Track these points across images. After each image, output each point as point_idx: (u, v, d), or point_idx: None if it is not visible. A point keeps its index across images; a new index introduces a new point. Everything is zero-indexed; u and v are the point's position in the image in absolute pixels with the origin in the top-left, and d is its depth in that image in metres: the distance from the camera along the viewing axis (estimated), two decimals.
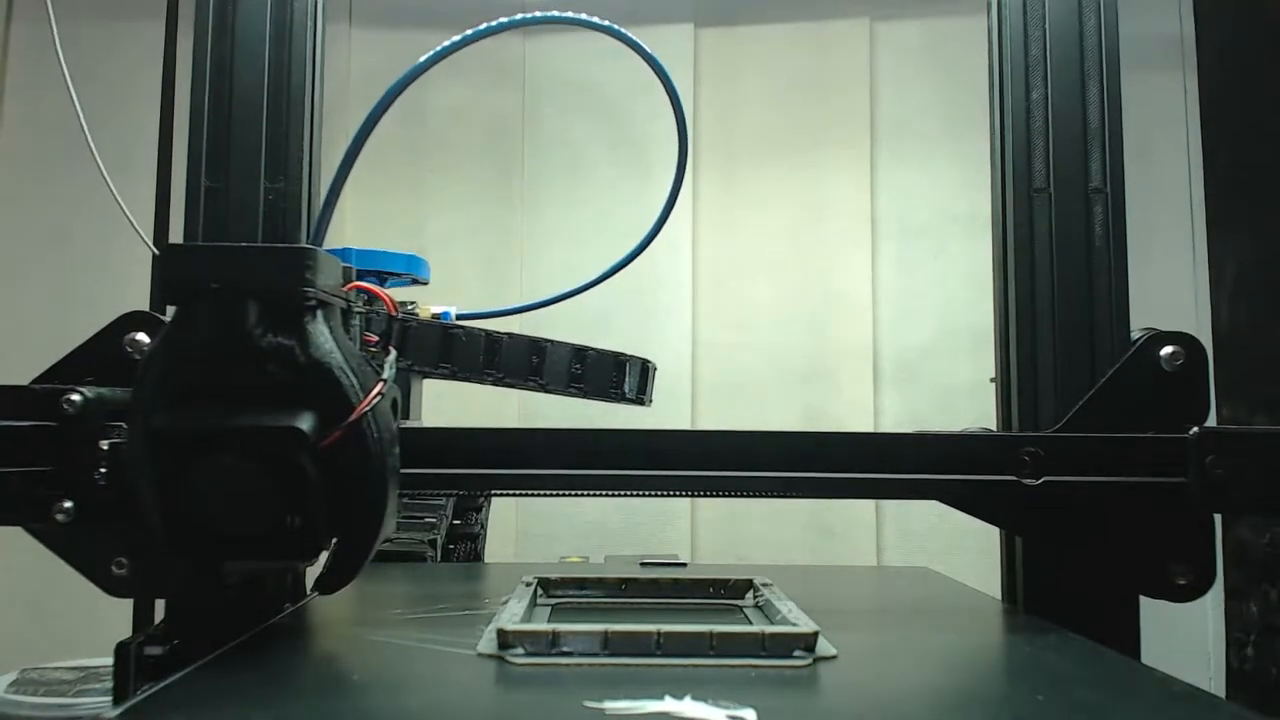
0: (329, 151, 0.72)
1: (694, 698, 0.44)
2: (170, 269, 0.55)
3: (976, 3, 0.78)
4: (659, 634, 0.52)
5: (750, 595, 0.72)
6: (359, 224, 2.04)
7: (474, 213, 2.15)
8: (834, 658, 0.53)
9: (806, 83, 2.15)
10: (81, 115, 1.00)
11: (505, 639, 0.53)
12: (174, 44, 1.31)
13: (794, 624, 0.57)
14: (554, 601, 0.71)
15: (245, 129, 0.70)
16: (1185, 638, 1.72)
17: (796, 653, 0.52)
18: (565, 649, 0.52)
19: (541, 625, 0.55)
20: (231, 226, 0.69)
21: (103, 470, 0.58)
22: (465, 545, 1.14)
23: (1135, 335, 0.68)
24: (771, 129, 2.15)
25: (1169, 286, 1.91)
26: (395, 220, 2.11)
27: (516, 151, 2.17)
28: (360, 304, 0.67)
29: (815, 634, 0.54)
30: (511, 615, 0.59)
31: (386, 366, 0.58)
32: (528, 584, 0.71)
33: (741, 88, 2.17)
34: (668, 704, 0.43)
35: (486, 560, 1.16)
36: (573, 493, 0.65)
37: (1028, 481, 0.64)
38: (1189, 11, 1.74)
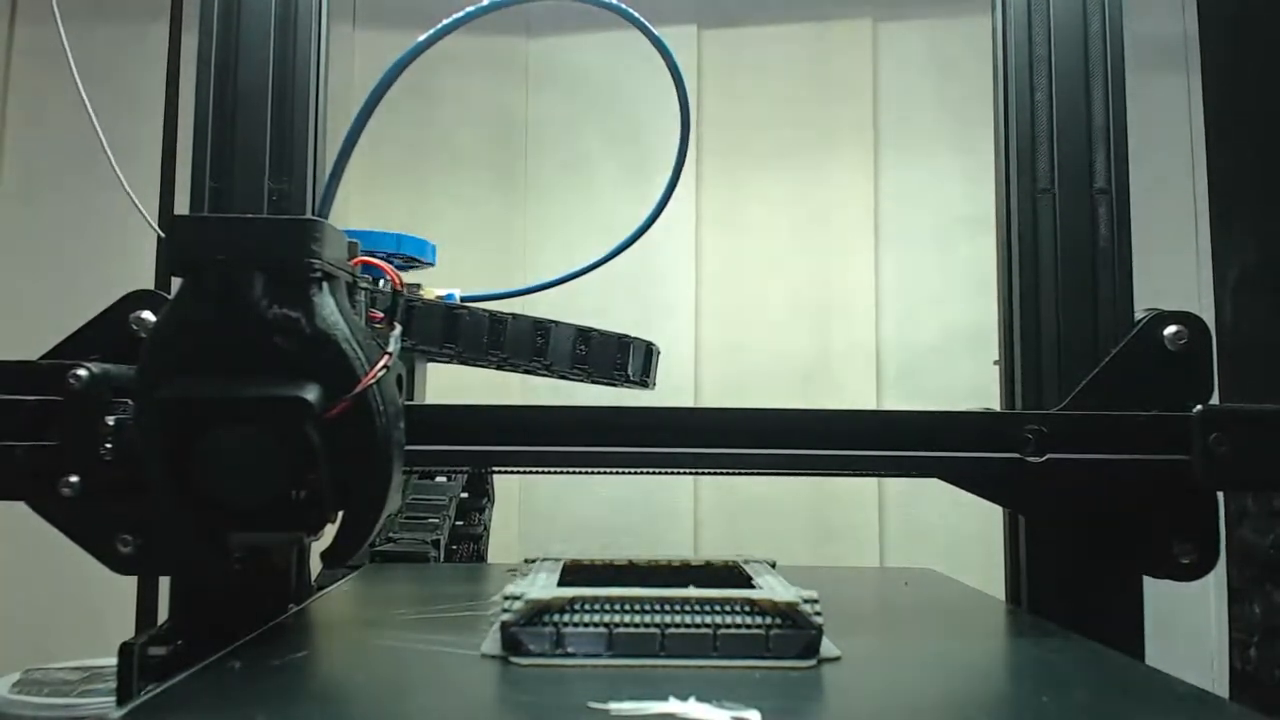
0: (333, 152, 0.72)
1: (698, 698, 0.44)
2: (177, 240, 0.55)
3: (980, 3, 0.78)
4: (663, 635, 0.52)
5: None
6: (362, 223, 2.04)
7: (477, 210, 2.15)
8: (838, 659, 0.53)
9: (810, 83, 2.15)
10: (92, 112, 1.00)
11: (509, 639, 0.53)
12: (178, 45, 1.32)
13: (786, 594, 0.55)
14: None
15: (249, 129, 0.70)
16: (1189, 639, 1.71)
17: (800, 645, 0.52)
18: (569, 650, 0.52)
19: (554, 591, 0.54)
20: None
21: (108, 445, 0.58)
22: (468, 546, 1.14)
23: (1139, 315, 0.68)
24: (775, 129, 2.15)
25: (1173, 286, 1.90)
26: (398, 217, 2.10)
27: (519, 150, 2.17)
28: (366, 281, 0.67)
29: (814, 603, 0.53)
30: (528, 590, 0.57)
31: (392, 340, 0.58)
32: (530, 561, 0.70)
33: (745, 88, 2.17)
34: (672, 705, 0.43)
35: (489, 561, 1.16)
36: (576, 470, 0.64)
37: (1031, 459, 0.63)
38: (1193, 12, 1.74)
